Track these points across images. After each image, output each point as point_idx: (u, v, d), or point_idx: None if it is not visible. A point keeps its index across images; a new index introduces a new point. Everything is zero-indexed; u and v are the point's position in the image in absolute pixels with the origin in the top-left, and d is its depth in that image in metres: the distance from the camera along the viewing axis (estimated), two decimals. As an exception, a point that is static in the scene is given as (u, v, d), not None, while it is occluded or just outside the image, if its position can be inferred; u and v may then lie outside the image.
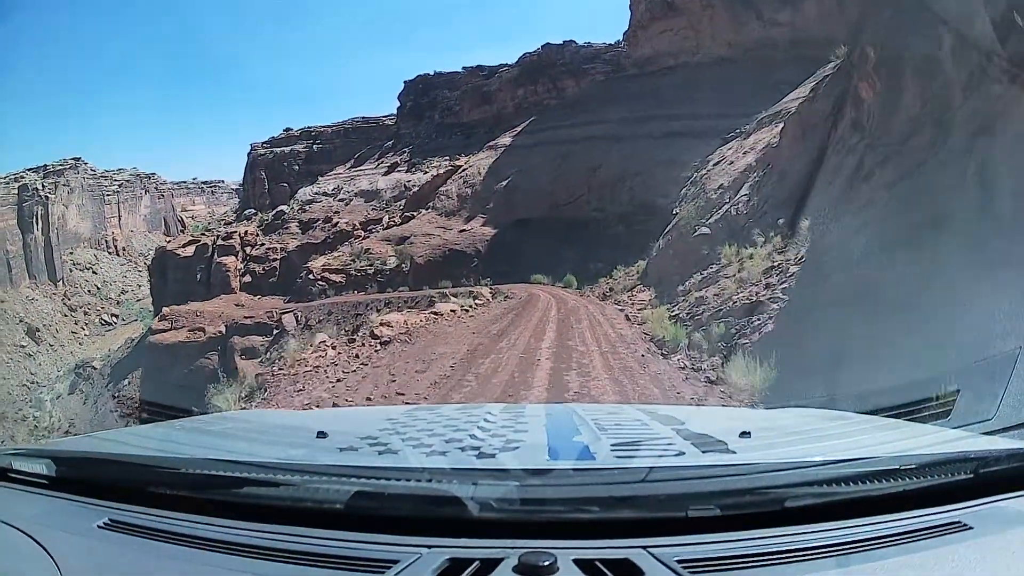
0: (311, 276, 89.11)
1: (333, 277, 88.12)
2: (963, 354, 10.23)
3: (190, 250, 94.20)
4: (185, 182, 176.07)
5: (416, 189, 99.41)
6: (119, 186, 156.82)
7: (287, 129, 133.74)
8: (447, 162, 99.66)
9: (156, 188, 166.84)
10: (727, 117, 65.85)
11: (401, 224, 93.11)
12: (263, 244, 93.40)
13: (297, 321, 77.31)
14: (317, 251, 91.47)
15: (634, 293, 50.62)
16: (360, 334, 29.93)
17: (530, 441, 2.96)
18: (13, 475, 2.57)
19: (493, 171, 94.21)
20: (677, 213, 51.62)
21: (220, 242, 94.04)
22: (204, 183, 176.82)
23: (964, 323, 11.80)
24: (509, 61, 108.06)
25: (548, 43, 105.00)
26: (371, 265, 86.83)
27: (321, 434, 3.04)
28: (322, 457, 2.72)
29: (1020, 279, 11.05)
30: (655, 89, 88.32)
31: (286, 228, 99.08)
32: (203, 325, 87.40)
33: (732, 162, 48.79)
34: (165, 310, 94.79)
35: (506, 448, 2.72)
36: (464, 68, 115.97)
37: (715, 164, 53.67)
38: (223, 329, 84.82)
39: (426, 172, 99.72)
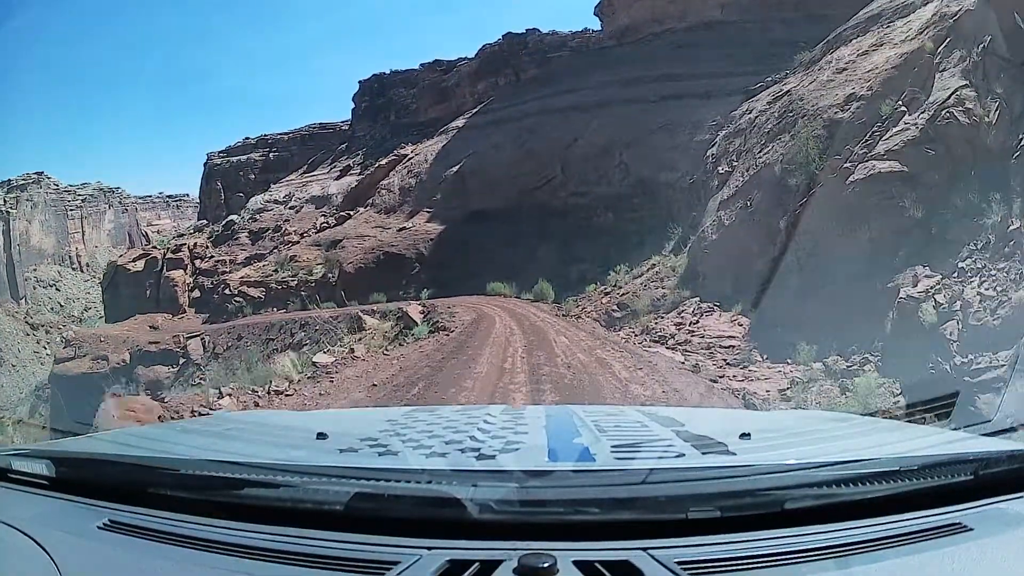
0: (227, 291, 66.10)
1: (251, 292, 64.73)
2: None
3: (140, 264, 75.75)
4: (150, 196, 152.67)
5: (354, 185, 76.98)
6: (83, 201, 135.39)
7: (246, 138, 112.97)
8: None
9: (120, 203, 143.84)
10: (736, 76, 46.45)
11: (335, 226, 69.56)
12: (212, 256, 75.01)
13: (204, 348, 55.79)
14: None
15: (688, 316, 25.95)
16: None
17: (530, 443, 2.54)
18: (13, 475, 2.26)
19: (443, 156, 69.55)
20: (732, 169, 31.33)
21: (169, 255, 74.80)
22: (169, 197, 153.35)
23: None
24: (469, 55, 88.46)
25: (510, 32, 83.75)
26: (295, 276, 63.66)
27: (321, 435, 2.61)
28: (322, 458, 2.37)
29: None
30: (640, 55, 64.72)
31: (236, 239, 78.62)
32: (107, 352, 64.05)
33: (843, 69, 26.70)
34: (69, 334, 78.09)
35: (506, 449, 2.36)
36: (421, 64, 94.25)
37: (775, 99, 31.83)
38: (127, 357, 61.82)
39: (378, 173, 77.58)
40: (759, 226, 24.94)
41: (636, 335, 25.86)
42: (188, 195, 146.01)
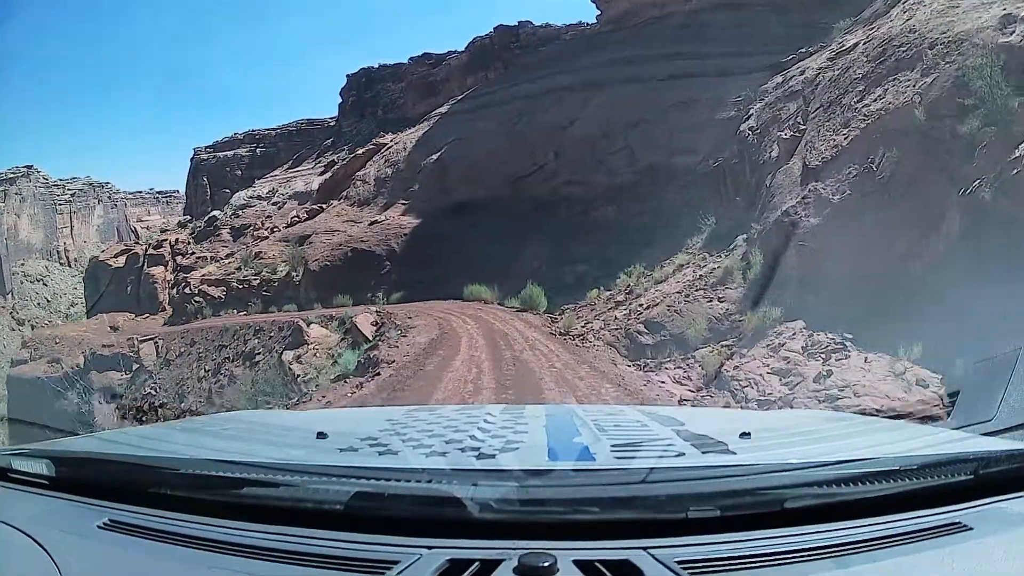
0: (188, 290, 53.45)
1: (212, 291, 52.19)
2: None
3: (121, 260, 65.19)
4: (141, 192, 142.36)
5: (328, 176, 65.56)
6: (72, 195, 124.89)
7: (234, 134, 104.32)
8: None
9: (110, 198, 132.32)
10: (752, 55, 38.67)
11: (306, 220, 57.39)
12: (193, 253, 64.46)
13: (158, 353, 45.52)
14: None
15: (798, 357, 14.19)
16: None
17: (530, 442, 2.37)
18: (13, 475, 2.13)
19: (423, 143, 57.01)
20: (801, 133, 22.75)
21: (150, 252, 64.05)
22: (160, 193, 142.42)
23: None
24: (459, 48, 77.41)
25: (501, 25, 72.88)
26: (257, 275, 51.64)
27: (321, 435, 2.43)
28: (322, 458, 2.22)
29: None
30: (642, 35, 51.96)
31: (217, 235, 67.44)
32: (61, 356, 53.55)
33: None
34: (27, 336, 68.78)
35: (506, 449, 2.21)
36: (410, 58, 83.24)
37: (838, 55, 25.37)
38: (81, 361, 50.52)
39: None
40: (905, 202, 15.62)
41: (701, 386, 15.65)
42: (178, 191, 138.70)
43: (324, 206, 58.87)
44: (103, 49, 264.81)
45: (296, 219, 60.16)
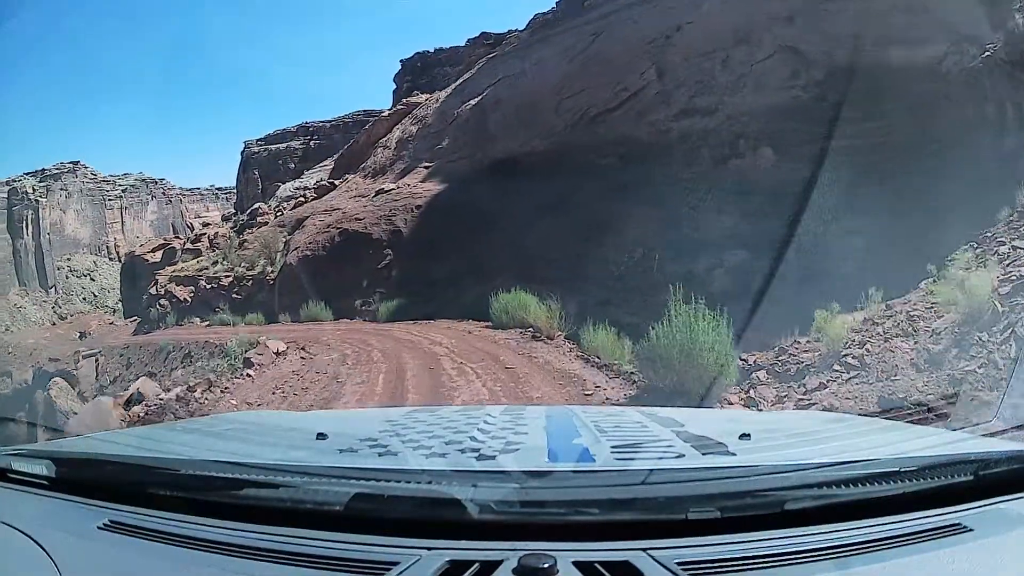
0: (154, 291, 40.78)
1: (179, 292, 39.09)
2: None
3: (158, 255, 54.91)
4: (199, 188, 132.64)
5: (348, 145, 50.84)
6: (123, 191, 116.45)
7: (288, 127, 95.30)
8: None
9: (164, 194, 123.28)
10: None
11: (314, 199, 41.17)
12: (233, 247, 52.04)
13: (97, 373, 36.76)
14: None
15: None
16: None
17: (530, 443, 2.30)
18: (13, 475, 2.08)
19: (459, 91, 38.48)
20: None
21: (188, 245, 52.61)
22: (219, 189, 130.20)
23: None
24: (519, 28, 57.36)
25: None
26: (231, 271, 38.32)
27: (321, 436, 2.36)
28: (322, 459, 2.16)
29: None
30: None
31: (260, 228, 50.24)
32: (12, 369, 47.51)
33: None
34: None
35: (506, 450, 2.13)
36: (468, 40, 70.80)
37: None
38: (30, 377, 43.18)
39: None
40: None
41: None
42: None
43: (337, 182, 44.12)
44: (163, 52, 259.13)
45: (302, 199, 46.52)
